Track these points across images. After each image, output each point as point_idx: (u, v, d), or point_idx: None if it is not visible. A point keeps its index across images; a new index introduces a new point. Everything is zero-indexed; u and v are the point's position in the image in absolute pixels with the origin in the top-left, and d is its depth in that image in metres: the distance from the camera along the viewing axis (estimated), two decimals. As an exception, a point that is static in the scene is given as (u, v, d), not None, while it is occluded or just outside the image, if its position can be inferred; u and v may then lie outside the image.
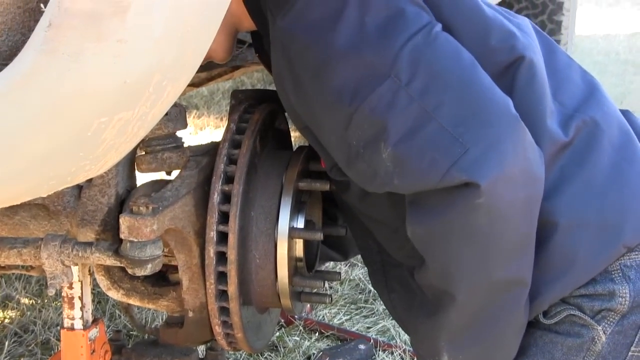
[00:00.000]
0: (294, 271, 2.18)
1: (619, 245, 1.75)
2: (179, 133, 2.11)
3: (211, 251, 2.02)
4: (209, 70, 3.37)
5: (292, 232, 2.11)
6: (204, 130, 7.31)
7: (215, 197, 2.02)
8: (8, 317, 4.07)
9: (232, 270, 2.02)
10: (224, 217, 2.03)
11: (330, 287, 4.48)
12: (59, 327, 3.37)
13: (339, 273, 2.48)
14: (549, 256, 1.74)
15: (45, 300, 4.22)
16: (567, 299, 1.79)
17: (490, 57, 1.78)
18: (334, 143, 1.80)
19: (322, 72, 1.71)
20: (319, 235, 2.14)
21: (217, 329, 2.12)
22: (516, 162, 1.62)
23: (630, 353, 1.80)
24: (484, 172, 1.58)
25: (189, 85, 2.83)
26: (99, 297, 4.16)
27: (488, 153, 1.60)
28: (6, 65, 1.18)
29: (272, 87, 2.05)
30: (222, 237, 2.02)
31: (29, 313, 4.08)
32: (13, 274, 4.28)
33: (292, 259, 2.15)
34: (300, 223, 2.16)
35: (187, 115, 2.16)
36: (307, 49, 1.73)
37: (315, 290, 2.41)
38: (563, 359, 1.80)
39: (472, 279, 1.70)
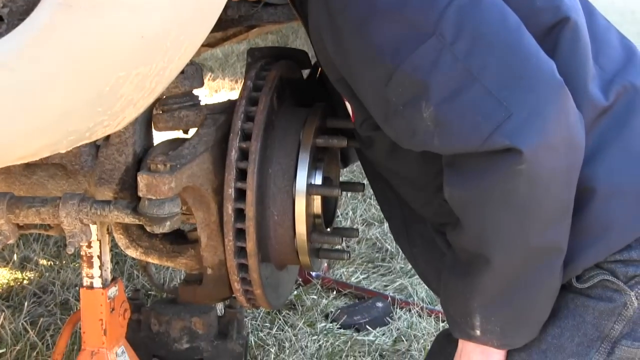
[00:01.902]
0: (312, 228, 2.18)
1: None
2: (195, 91, 2.11)
3: (229, 208, 2.02)
4: (224, 30, 3.35)
5: (310, 189, 2.11)
6: (219, 92, 7.31)
7: (233, 155, 2.02)
8: (27, 278, 4.10)
9: (250, 227, 2.02)
10: (242, 175, 2.02)
11: (347, 247, 4.49)
12: (77, 288, 3.39)
13: (357, 229, 2.48)
14: (585, 222, 1.72)
15: (64, 262, 4.25)
16: (601, 264, 1.77)
17: (534, 18, 1.74)
18: (371, 97, 1.77)
19: (364, 27, 1.68)
20: (336, 192, 2.15)
21: (236, 286, 2.12)
22: (559, 129, 1.60)
23: None
24: (527, 139, 1.56)
25: (204, 46, 2.82)
26: (117, 258, 4.18)
27: (531, 119, 1.57)
28: (23, 20, 1.17)
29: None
30: (240, 194, 2.02)
31: (47, 274, 4.10)
32: (31, 235, 4.32)
33: (310, 216, 2.15)
34: (318, 180, 2.16)
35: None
36: (350, 3, 1.70)
37: (333, 247, 2.41)
38: (594, 323, 1.78)
39: (508, 244, 1.68)
